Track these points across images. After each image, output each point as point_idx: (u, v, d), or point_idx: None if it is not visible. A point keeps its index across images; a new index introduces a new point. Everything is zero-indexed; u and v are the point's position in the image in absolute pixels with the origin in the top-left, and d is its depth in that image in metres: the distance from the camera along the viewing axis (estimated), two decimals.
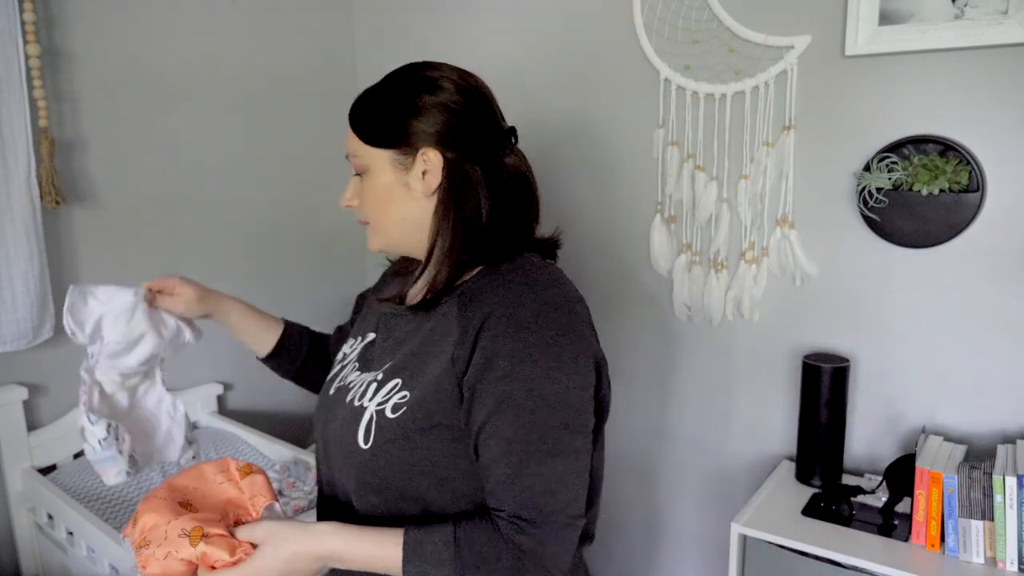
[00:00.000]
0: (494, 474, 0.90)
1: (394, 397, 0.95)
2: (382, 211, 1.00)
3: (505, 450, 0.88)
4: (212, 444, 2.00)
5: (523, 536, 0.87)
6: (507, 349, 0.89)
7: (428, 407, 0.92)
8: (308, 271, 2.41)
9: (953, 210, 1.54)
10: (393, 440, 0.93)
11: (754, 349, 1.87)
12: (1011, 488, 1.35)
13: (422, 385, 0.93)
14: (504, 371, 0.88)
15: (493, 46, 2.15)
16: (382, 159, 0.98)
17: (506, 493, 0.89)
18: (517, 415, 0.88)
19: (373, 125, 0.99)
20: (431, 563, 0.87)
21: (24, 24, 1.68)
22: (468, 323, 0.92)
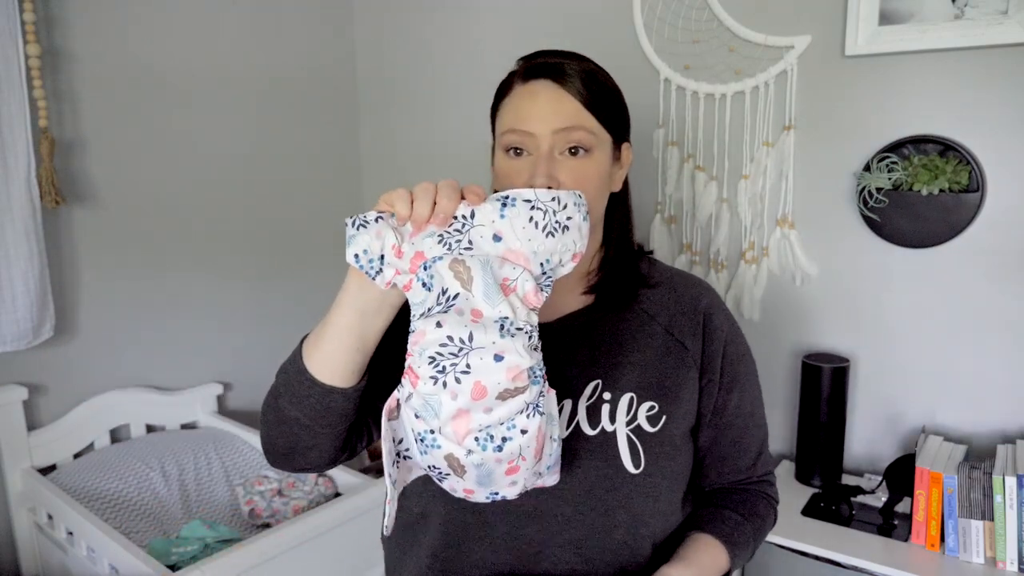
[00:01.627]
0: (750, 450, 0.98)
1: (641, 411, 0.88)
2: (594, 196, 0.88)
3: (753, 425, 0.98)
4: (212, 444, 2.00)
5: (772, 488, 1.01)
6: (732, 335, 0.97)
7: (684, 409, 0.92)
8: (308, 270, 2.41)
9: (953, 210, 1.54)
10: (665, 453, 0.90)
11: (754, 349, 1.86)
12: (1011, 488, 1.35)
13: (667, 392, 0.90)
14: (735, 354, 0.97)
15: (493, 46, 2.15)
16: (606, 143, 0.91)
17: (760, 462, 1.00)
18: (753, 392, 0.99)
19: (608, 106, 0.91)
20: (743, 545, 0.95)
21: (24, 24, 1.68)
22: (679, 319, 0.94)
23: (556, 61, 0.90)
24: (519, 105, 0.89)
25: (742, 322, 1.87)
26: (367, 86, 2.49)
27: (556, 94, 0.87)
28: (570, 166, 0.86)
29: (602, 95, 0.90)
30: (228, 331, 2.23)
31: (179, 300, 2.10)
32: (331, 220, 2.47)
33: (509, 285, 0.70)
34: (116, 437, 2.00)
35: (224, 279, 2.21)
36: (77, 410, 1.91)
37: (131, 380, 2.03)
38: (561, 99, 0.87)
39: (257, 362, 2.31)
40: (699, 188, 1.86)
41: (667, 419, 0.89)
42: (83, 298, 1.91)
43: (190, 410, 2.13)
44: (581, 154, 0.87)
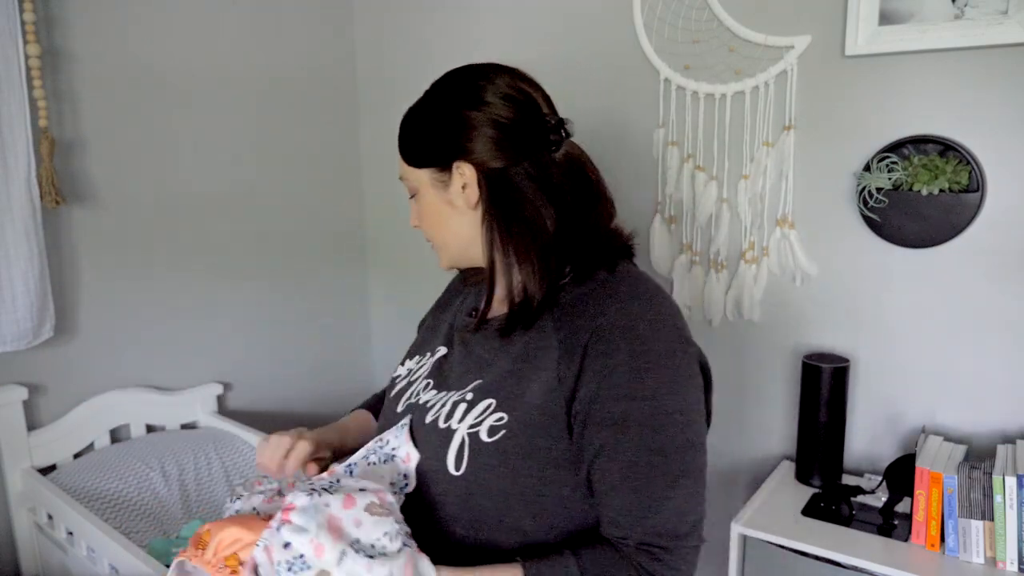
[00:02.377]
0: (616, 500, 0.84)
1: (488, 419, 0.87)
2: (438, 230, 0.99)
3: (628, 474, 0.83)
4: (212, 444, 2.00)
5: (657, 564, 0.83)
6: (625, 365, 0.83)
7: (531, 430, 0.85)
8: (308, 271, 2.41)
9: (953, 210, 1.54)
10: (491, 466, 0.86)
11: (754, 349, 1.87)
12: (1011, 488, 1.34)
13: (523, 407, 0.86)
14: (622, 389, 0.83)
15: (493, 46, 2.15)
16: (422, 178, 0.97)
17: (634, 520, 0.83)
18: (640, 435, 0.82)
19: (413, 146, 0.98)
20: None
21: (24, 24, 1.68)
22: (572, 338, 0.86)
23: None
24: None
25: (742, 322, 1.87)
26: (367, 86, 2.49)
27: None
28: (414, 207, 1.01)
29: (403, 135, 0.99)
30: (228, 331, 2.23)
31: (179, 300, 2.10)
32: (331, 220, 2.47)
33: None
34: (116, 437, 2.00)
35: (224, 279, 2.21)
36: (77, 410, 1.91)
37: (131, 380, 2.03)
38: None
39: (257, 362, 2.31)
40: (699, 188, 1.86)
41: (506, 434, 0.85)
42: (83, 298, 1.91)
43: (190, 410, 2.13)
44: (416, 196, 0.99)
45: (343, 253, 2.51)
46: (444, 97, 0.95)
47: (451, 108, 0.93)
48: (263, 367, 2.31)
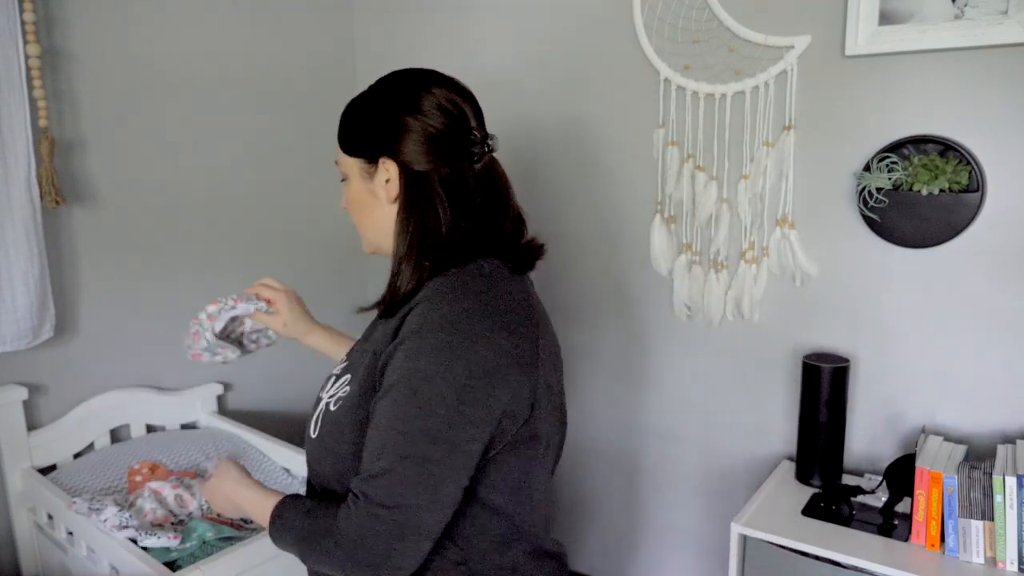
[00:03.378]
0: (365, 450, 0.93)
1: (340, 391, 1.00)
2: (360, 216, 1.07)
3: (374, 436, 0.91)
4: (212, 444, 2.00)
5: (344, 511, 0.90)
6: (408, 344, 0.91)
7: (354, 400, 0.97)
8: (308, 271, 2.41)
9: (953, 210, 1.54)
10: (328, 432, 0.99)
11: (754, 349, 1.87)
12: (1011, 488, 1.35)
13: (357, 379, 0.98)
14: (398, 364, 0.91)
15: (493, 46, 2.15)
16: (353, 167, 1.05)
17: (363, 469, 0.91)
18: (392, 407, 0.90)
19: (349, 134, 1.05)
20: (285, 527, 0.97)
21: (24, 24, 1.68)
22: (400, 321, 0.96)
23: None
24: None
25: (742, 322, 1.87)
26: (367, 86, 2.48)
27: None
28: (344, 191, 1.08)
29: (345, 125, 1.06)
30: None
31: (179, 300, 2.10)
32: (331, 220, 2.47)
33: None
34: (116, 437, 2.00)
35: (224, 279, 2.21)
36: (77, 410, 1.91)
37: (131, 380, 2.03)
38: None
39: (257, 362, 2.31)
40: (699, 188, 1.86)
41: (342, 404, 0.98)
42: (83, 298, 1.91)
43: (190, 410, 2.13)
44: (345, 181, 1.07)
45: (343, 252, 2.51)
46: (386, 98, 1.02)
47: (390, 109, 1.00)
48: (263, 367, 2.31)
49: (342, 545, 0.89)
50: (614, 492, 2.17)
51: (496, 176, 1.03)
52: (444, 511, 0.90)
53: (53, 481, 1.77)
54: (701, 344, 1.95)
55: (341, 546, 0.90)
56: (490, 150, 1.02)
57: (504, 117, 2.14)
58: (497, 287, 0.97)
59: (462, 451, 0.89)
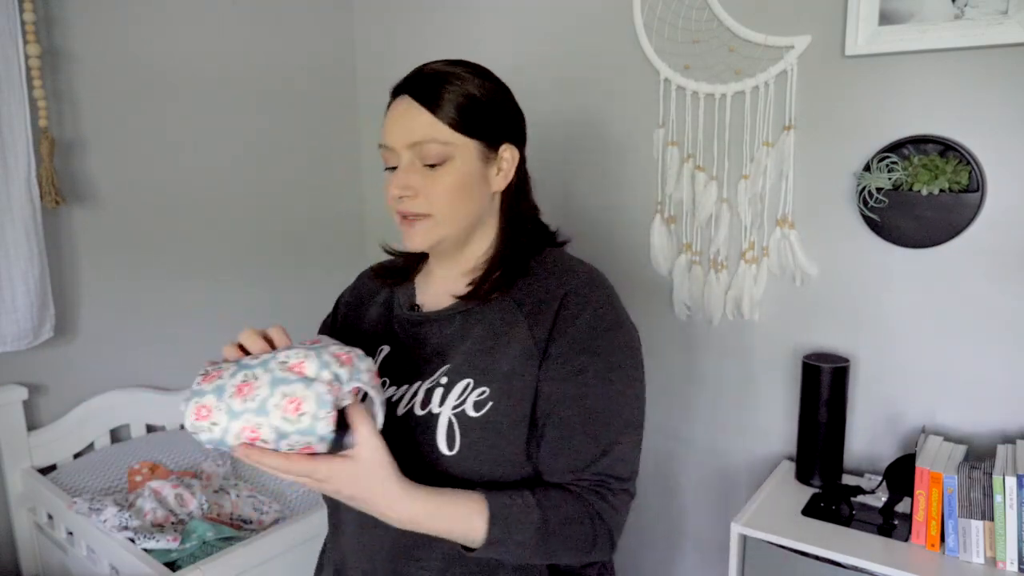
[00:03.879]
0: (575, 444, 0.91)
1: (471, 396, 0.92)
2: (456, 202, 0.95)
3: (587, 420, 0.91)
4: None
5: (604, 503, 0.91)
6: (588, 324, 0.92)
7: (514, 398, 0.92)
8: (309, 271, 2.41)
9: (953, 210, 1.54)
10: (482, 439, 0.91)
11: (754, 349, 1.87)
12: (1011, 488, 1.34)
13: (501, 378, 0.92)
14: (585, 344, 0.91)
15: (493, 46, 2.15)
16: (469, 149, 0.95)
17: (588, 462, 0.91)
18: (600, 387, 0.91)
19: (474, 115, 0.95)
20: (516, 525, 0.86)
21: (24, 24, 1.68)
22: (540, 307, 0.94)
23: (419, 75, 0.97)
24: (385, 122, 0.98)
25: (742, 322, 1.87)
26: (367, 86, 2.49)
27: (410, 110, 0.94)
28: (430, 174, 0.94)
29: (463, 104, 0.94)
30: (228, 331, 2.22)
31: (179, 300, 2.10)
32: (332, 220, 2.48)
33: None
34: (116, 437, 2.00)
35: (224, 278, 2.21)
36: (77, 410, 1.91)
37: (131, 380, 2.03)
38: (415, 114, 0.94)
39: None
40: (699, 188, 1.86)
41: (493, 405, 0.91)
42: (83, 298, 1.91)
43: None
44: (438, 165, 0.94)
45: (343, 252, 2.51)
46: (502, 84, 1.00)
47: (511, 96, 1.01)
48: None
49: (600, 532, 0.91)
50: None
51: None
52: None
53: (53, 481, 1.77)
54: (701, 344, 1.95)
55: (598, 542, 0.91)
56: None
57: None
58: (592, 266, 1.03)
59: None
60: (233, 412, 0.76)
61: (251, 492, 1.80)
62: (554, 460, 0.92)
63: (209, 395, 0.77)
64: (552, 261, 1.00)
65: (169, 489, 1.69)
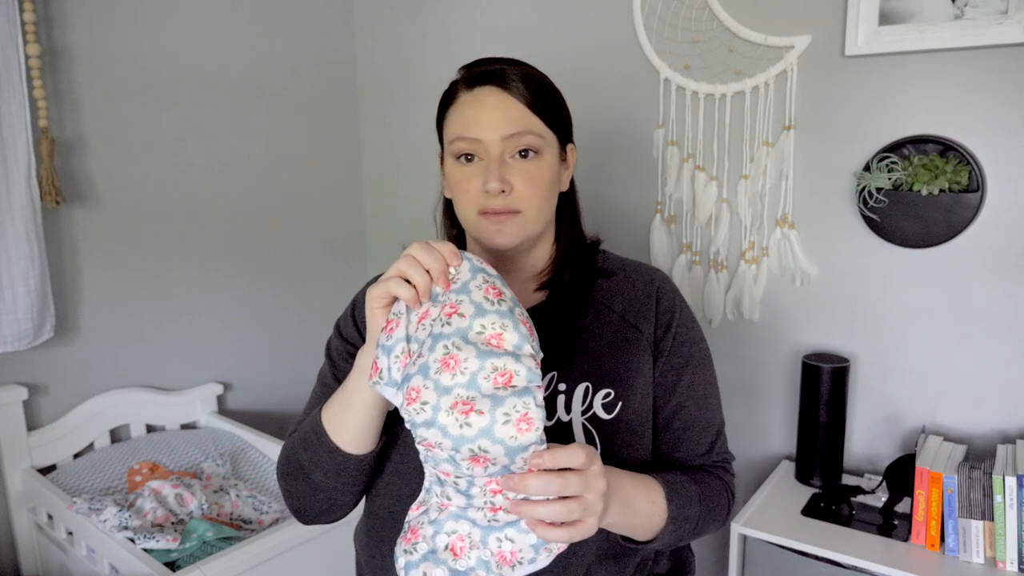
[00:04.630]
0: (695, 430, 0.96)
1: (596, 399, 0.90)
2: (545, 198, 0.93)
3: (702, 406, 0.97)
4: (213, 444, 2.00)
5: (729, 475, 0.99)
6: (682, 316, 0.97)
7: (640, 393, 0.93)
8: (308, 271, 2.41)
9: (953, 210, 1.54)
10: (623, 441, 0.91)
11: (754, 349, 1.87)
12: (1011, 488, 1.35)
13: (622, 378, 0.92)
14: (685, 335, 0.96)
15: (493, 46, 2.15)
16: (554, 145, 0.95)
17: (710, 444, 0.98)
18: (704, 372, 0.98)
19: (552, 108, 0.94)
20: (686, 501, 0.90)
21: (24, 24, 1.68)
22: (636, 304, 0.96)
23: (498, 67, 0.92)
24: (466, 113, 0.91)
25: (742, 322, 1.87)
26: (367, 86, 2.49)
27: (502, 100, 0.90)
28: (521, 168, 0.90)
29: (546, 98, 0.93)
30: (228, 331, 2.23)
31: (179, 300, 2.10)
32: (332, 220, 2.48)
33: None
34: (116, 437, 2.00)
35: (224, 279, 2.21)
36: (77, 410, 1.91)
37: (131, 380, 2.03)
38: (507, 104, 0.90)
39: (257, 362, 2.31)
40: (699, 188, 1.86)
41: (623, 405, 0.91)
42: (83, 298, 1.91)
43: (190, 410, 2.13)
44: (531, 157, 0.91)
45: (344, 252, 2.51)
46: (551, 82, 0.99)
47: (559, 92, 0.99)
48: (263, 367, 2.31)
49: (730, 509, 0.98)
50: None
51: None
52: None
53: (53, 481, 1.77)
54: None
55: (730, 511, 0.99)
56: None
57: None
58: None
59: None
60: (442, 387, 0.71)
61: (251, 492, 1.80)
62: (676, 448, 0.97)
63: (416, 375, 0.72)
64: (615, 260, 1.03)
65: (169, 489, 1.69)
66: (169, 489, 1.69)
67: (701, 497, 0.92)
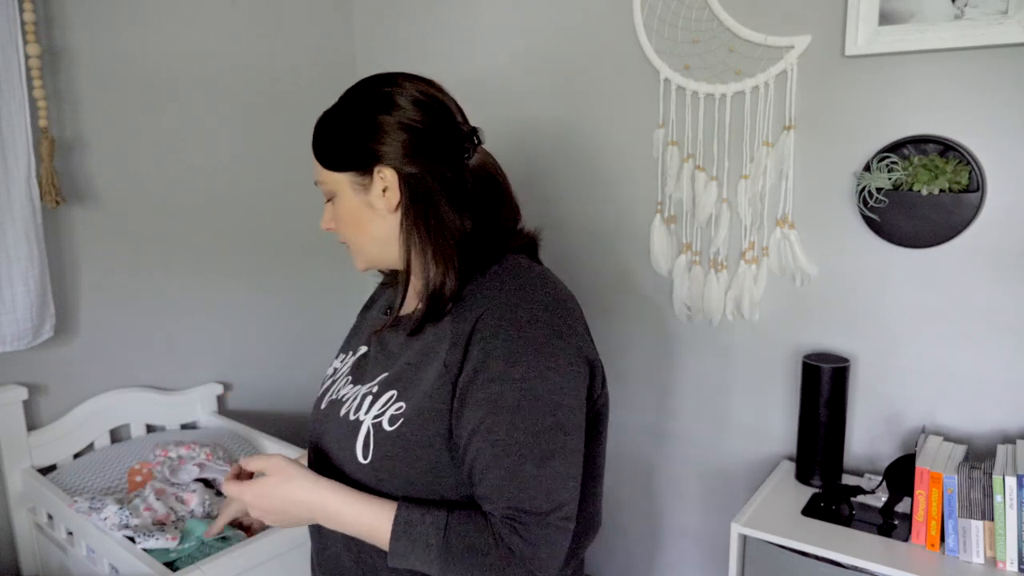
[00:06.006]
0: (488, 477, 0.88)
1: (390, 409, 0.93)
2: (355, 233, 1.01)
3: (499, 452, 0.87)
4: (212, 444, 1.99)
5: (516, 537, 0.86)
6: (501, 350, 0.88)
7: (424, 417, 0.91)
8: (308, 271, 2.41)
9: (953, 210, 1.54)
10: (393, 454, 0.92)
11: (754, 349, 1.87)
12: (1011, 488, 1.35)
13: (418, 395, 0.92)
14: (497, 372, 0.88)
15: (493, 46, 2.15)
16: (343, 182, 0.99)
17: (501, 495, 0.87)
18: (512, 416, 0.87)
19: (330, 150, 1.00)
20: (419, 544, 0.87)
21: (24, 24, 1.68)
22: (459, 327, 0.92)
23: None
24: None
25: (742, 322, 1.87)
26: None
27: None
28: (329, 210, 1.04)
29: (320, 139, 1.02)
30: (228, 331, 2.23)
31: (179, 300, 2.10)
32: None
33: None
34: (116, 437, 2.00)
35: (224, 279, 2.21)
36: (77, 410, 1.91)
37: (131, 380, 2.03)
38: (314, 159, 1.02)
39: (257, 362, 2.31)
40: (699, 188, 1.86)
41: (404, 421, 0.92)
42: (83, 298, 1.91)
43: (190, 410, 2.13)
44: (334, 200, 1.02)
45: (344, 252, 2.51)
46: (356, 103, 0.99)
47: (364, 113, 0.97)
48: (263, 367, 2.31)
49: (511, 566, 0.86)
50: (613, 492, 2.17)
51: (492, 169, 1.02)
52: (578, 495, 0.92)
53: (53, 481, 1.77)
54: (701, 344, 1.95)
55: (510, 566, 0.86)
56: (479, 142, 1.01)
57: (503, 117, 2.14)
58: (546, 276, 0.98)
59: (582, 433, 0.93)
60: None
61: None
62: (475, 488, 0.90)
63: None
64: (495, 273, 0.96)
65: (170, 488, 1.69)
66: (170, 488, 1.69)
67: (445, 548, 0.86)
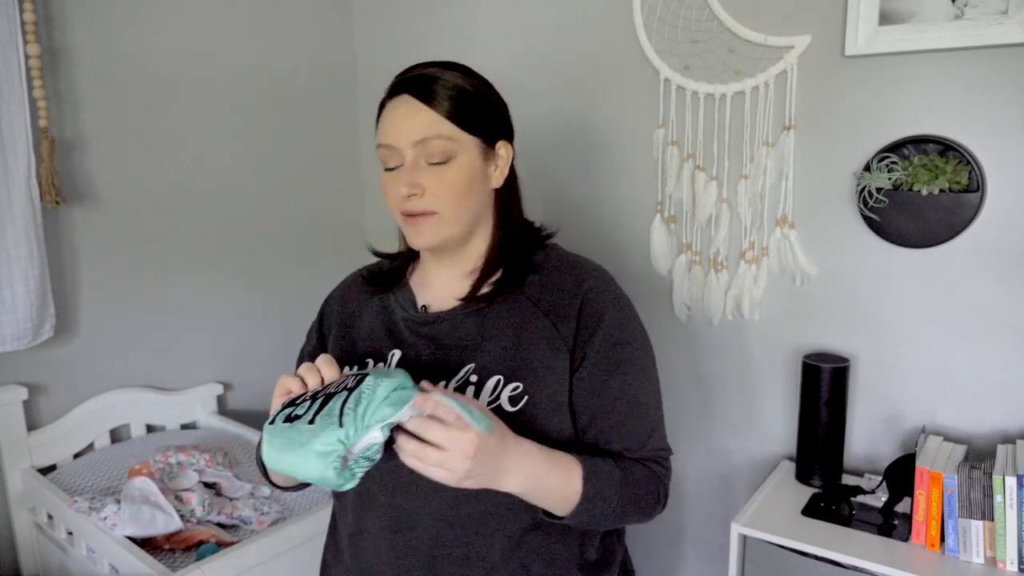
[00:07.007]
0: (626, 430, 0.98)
1: (504, 392, 0.95)
2: (462, 199, 0.97)
3: (634, 407, 0.99)
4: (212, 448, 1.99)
5: (662, 469, 1.01)
6: (615, 317, 0.99)
7: (548, 391, 0.95)
8: (309, 271, 2.41)
9: (953, 210, 1.54)
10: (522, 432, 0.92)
11: (754, 349, 1.87)
12: (1011, 488, 1.35)
13: (533, 373, 0.95)
14: (617, 337, 0.98)
15: (493, 46, 2.15)
16: (472, 146, 0.97)
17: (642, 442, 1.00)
18: (636, 375, 0.99)
19: (470, 110, 0.97)
20: (605, 481, 0.94)
21: (24, 24, 1.68)
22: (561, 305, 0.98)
23: (417, 75, 0.97)
24: (383, 121, 0.98)
25: (742, 322, 1.87)
26: (367, 86, 2.49)
27: (412, 108, 0.95)
28: (432, 173, 0.95)
29: (463, 102, 0.96)
30: (228, 331, 2.23)
31: (179, 300, 2.10)
32: (332, 220, 2.48)
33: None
34: (116, 437, 2.00)
35: (224, 279, 2.21)
36: (77, 410, 1.91)
37: (131, 380, 2.03)
38: (417, 112, 0.95)
39: (257, 362, 2.31)
40: (699, 188, 1.86)
41: (528, 399, 0.94)
42: (83, 298, 1.91)
43: (190, 410, 2.13)
44: (443, 163, 0.95)
45: (344, 252, 2.51)
46: (488, 82, 1.03)
47: (497, 93, 1.03)
48: (263, 367, 2.31)
49: (661, 500, 1.01)
50: None
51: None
52: None
53: (53, 481, 1.77)
54: (701, 344, 1.95)
55: (660, 501, 1.01)
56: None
57: None
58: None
59: None
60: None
61: (251, 492, 1.80)
62: (608, 444, 0.99)
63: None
64: (557, 257, 1.04)
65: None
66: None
67: (623, 482, 0.96)
